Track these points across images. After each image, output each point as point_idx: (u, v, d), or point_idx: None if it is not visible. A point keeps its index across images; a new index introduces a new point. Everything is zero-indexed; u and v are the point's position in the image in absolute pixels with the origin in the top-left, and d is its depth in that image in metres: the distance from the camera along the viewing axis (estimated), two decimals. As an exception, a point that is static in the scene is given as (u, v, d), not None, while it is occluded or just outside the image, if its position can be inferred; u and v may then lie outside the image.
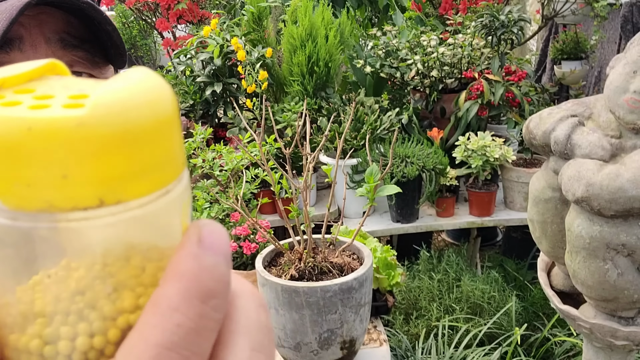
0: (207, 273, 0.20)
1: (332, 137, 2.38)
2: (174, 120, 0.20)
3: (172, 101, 0.20)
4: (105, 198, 0.19)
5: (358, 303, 1.21)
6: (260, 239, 1.58)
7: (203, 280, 0.20)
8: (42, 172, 0.18)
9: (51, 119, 0.18)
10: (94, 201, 0.19)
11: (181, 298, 0.20)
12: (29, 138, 0.18)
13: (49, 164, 0.18)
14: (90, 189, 0.19)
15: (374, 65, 2.77)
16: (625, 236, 1.02)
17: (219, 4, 4.15)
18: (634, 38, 1.08)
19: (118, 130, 0.19)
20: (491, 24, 2.55)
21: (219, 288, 0.21)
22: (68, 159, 0.18)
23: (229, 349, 0.21)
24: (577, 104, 1.18)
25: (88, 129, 0.18)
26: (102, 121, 0.18)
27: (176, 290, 0.20)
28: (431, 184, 2.30)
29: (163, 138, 0.20)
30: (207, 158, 1.82)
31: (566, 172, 1.08)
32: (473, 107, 2.51)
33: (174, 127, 0.20)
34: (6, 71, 0.21)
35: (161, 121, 0.20)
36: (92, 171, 0.19)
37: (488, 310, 2.26)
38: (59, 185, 0.18)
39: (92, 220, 0.19)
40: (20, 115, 0.18)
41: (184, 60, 2.87)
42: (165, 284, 0.20)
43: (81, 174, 0.19)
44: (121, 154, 0.19)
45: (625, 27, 3.59)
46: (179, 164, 0.21)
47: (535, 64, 4.50)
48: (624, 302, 1.10)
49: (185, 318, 0.20)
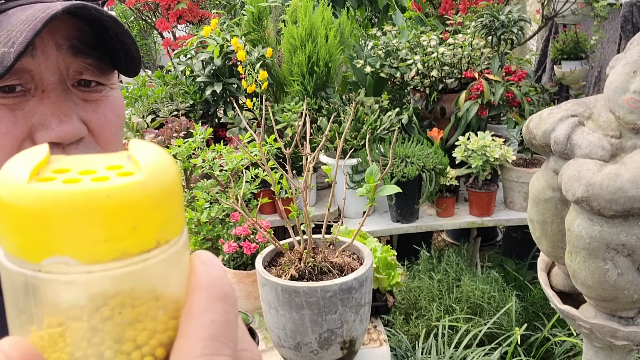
0: (220, 281, 0.27)
1: (332, 137, 2.38)
2: (180, 179, 0.26)
3: (176, 165, 0.27)
4: (160, 240, 0.24)
5: (358, 303, 1.21)
6: (260, 239, 1.58)
7: (218, 286, 0.26)
8: (118, 228, 0.23)
9: (121, 186, 0.23)
10: (153, 244, 0.24)
11: (208, 302, 0.26)
12: (108, 203, 0.23)
13: (123, 220, 0.23)
14: (151, 234, 0.24)
15: (374, 65, 2.77)
16: (625, 236, 1.02)
17: (219, 4, 4.15)
18: (634, 38, 1.08)
19: (164, 187, 0.24)
20: (491, 24, 2.55)
21: (231, 290, 0.27)
22: (137, 214, 0.23)
23: None
24: (577, 104, 1.18)
25: (149, 189, 0.24)
26: (156, 182, 0.24)
27: (203, 298, 0.26)
28: (431, 184, 2.30)
29: (180, 191, 0.26)
30: (207, 158, 1.82)
31: (566, 172, 1.08)
32: (473, 107, 2.51)
33: (180, 184, 0.26)
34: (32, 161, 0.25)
35: (179, 178, 0.26)
36: (152, 220, 0.24)
37: (488, 310, 2.26)
38: (131, 235, 0.23)
39: (152, 259, 0.24)
40: (96, 187, 0.23)
41: (184, 60, 2.87)
42: (192, 297, 0.26)
43: (146, 223, 0.24)
44: (167, 204, 0.25)
45: (625, 27, 3.59)
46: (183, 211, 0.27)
47: (535, 64, 4.50)
48: (624, 302, 1.10)
49: (215, 315, 0.25)
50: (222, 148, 1.88)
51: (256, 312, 1.52)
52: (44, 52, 0.53)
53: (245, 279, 1.56)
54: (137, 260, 0.23)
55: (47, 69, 0.53)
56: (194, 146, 1.85)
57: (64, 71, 0.55)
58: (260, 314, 1.48)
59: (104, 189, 0.23)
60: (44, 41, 0.53)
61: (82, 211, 0.22)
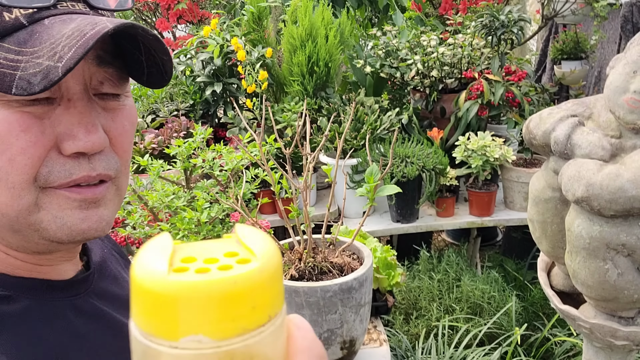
0: (315, 343, 0.33)
1: (332, 137, 2.38)
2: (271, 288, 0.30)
3: (278, 248, 0.32)
4: (271, 314, 0.29)
5: (358, 303, 1.21)
6: (260, 239, 1.58)
7: (315, 349, 0.32)
8: (242, 309, 0.28)
9: (244, 274, 0.28)
10: (266, 319, 0.29)
11: None
12: (235, 289, 0.27)
13: (246, 302, 0.28)
14: (265, 311, 0.29)
15: (374, 65, 2.77)
16: (625, 236, 1.02)
17: (219, 4, 4.15)
18: (634, 38, 1.08)
19: (276, 270, 0.29)
20: (491, 24, 2.55)
21: (324, 352, 0.33)
22: (255, 296, 0.28)
23: None
24: (577, 104, 1.18)
25: (265, 274, 0.29)
26: (269, 267, 0.29)
27: (306, 358, 0.31)
28: (431, 184, 2.30)
29: (282, 270, 0.31)
30: (207, 158, 1.82)
31: (566, 172, 1.08)
32: (473, 107, 2.51)
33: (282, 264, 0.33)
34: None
35: (281, 260, 0.31)
36: (266, 299, 0.29)
37: (488, 310, 2.26)
38: (250, 314, 0.28)
39: (265, 331, 0.29)
40: (224, 277, 0.28)
41: (184, 60, 2.87)
42: (296, 358, 0.31)
43: (261, 303, 0.28)
44: (276, 284, 0.30)
45: (625, 27, 3.59)
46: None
47: (535, 64, 4.50)
48: (624, 302, 1.10)
49: None
50: (222, 148, 1.88)
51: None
52: None
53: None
54: (254, 334, 0.28)
55: (73, 78, 0.53)
56: (194, 146, 1.85)
57: (87, 80, 0.55)
58: (260, 314, 1.48)
59: (231, 278, 0.28)
60: None
61: (215, 298, 0.27)
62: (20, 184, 0.52)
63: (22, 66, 0.49)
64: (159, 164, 1.83)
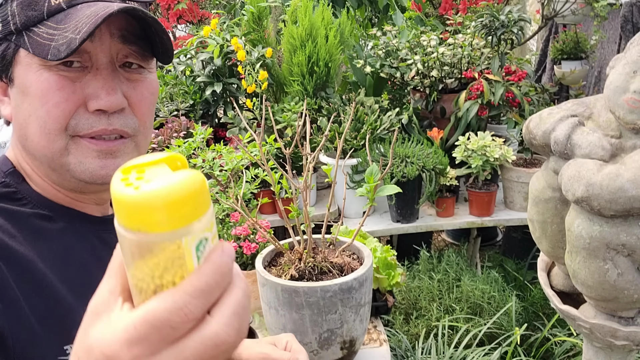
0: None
1: (332, 137, 2.38)
2: (198, 195, 0.36)
3: (200, 179, 0.37)
4: (197, 216, 0.36)
5: (358, 303, 1.21)
6: (260, 239, 1.58)
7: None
8: (195, 207, 0.36)
9: (185, 177, 0.36)
10: (196, 217, 0.36)
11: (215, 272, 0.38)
12: (194, 192, 0.36)
13: (197, 204, 0.36)
14: (195, 212, 0.36)
15: (374, 65, 2.77)
16: (625, 236, 1.02)
17: (219, 4, 4.15)
18: (634, 38, 1.08)
19: (199, 188, 0.36)
20: (491, 24, 2.55)
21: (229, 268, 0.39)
22: (195, 201, 0.36)
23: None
24: (577, 104, 1.18)
25: (198, 185, 0.36)
26: (194, 183, 0.36)
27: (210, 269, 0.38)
28: (431, 184, 2.30)
29: (201, 193, 0.37)
30: (207, 158, 1.82)
31: (566, 172, 1.08)
32: (473, 107, 2.51)
33: (203, 190, 0.37)
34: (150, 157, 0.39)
35: (200, 186, 0.37)
36: (197, 204, 0.36)
37: (488, 310, 2.26)
38: (191, 215, 0.36)
39: (196, 224, 0.36)
40: (191, 173, 0.36)
41: (184, 60, 2.87)
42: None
43: (196, 206, 0.36)
44: (202, 195, 0.37)
45: (625, 27, 3.59)
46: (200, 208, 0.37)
47: (535, 64, 4.50)
48: (624, 302, 1.10)
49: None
50: (222, 148, 1.88)
51: (256, 312, 1.52)
52: (101, 39, 0.68)
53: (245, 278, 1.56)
54: (189, 229, 0.36)
55: (102, 52, 0.69)
56: (194, 146, 1.85)
57: (114, 55, 0.70)
58: (260, 314, 1.48)
59: (197, 174, 0.37)
60: (102, 30, 0.68)
61: (138, 205, 0.35)
62: (54, 131, 0.68)
63: (56, 38, 0.64)
64: (159, 164, 1.83)
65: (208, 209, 0.37)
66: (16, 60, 0.69)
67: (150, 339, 0.36)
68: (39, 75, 0.67)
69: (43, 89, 0.66)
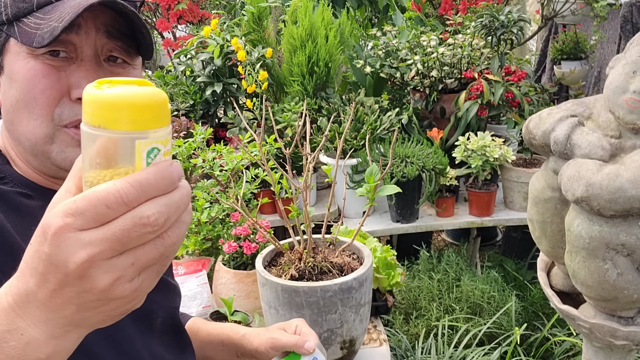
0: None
1: (332, 137, 2.38)
2: (157, 108, 0.42)
3: (158, 101, 0.42)
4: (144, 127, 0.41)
5: (358, 303, 1.21)
6: (261, 239, 1.58)
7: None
8: (153, 118, 0.41)
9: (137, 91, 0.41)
10: (151, 127, 0.41)
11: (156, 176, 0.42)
12: (152, 101, 0.41)
13: (154, 115, 0.42)
14: (149, 121, 0.41)
15: (374, 66, 2.77)
16: (624, 236, 1.03)
17: (219, 4, 4.15)
18: (634, 38, 1.08)
19: (159, 102, 0.42)
20: (491, 24, 2.55)
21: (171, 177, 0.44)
22: (153, 112, 0.41)
23: None
24: (576, 104, 1.19)
25: (159, 99, 0.42)
26: (154, 96, 0.42)
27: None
28: (431, 184, 2.30)
29: (160, 107, 0.42)
30: (207, 158, 1.82)
31: (566, 172, 1.08)
32: (473, 107, 2.51)
33: (163, 106, 0.42)
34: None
35: (160, 101, 0.42)
36: (155, 116, 0.42)
37: (488, 310, 2.26)
38: (147, 122, 0.41)
39: (143, 133, 0.41)
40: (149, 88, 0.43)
41: (184, 61, 2.87)
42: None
43: (154, 117, 0.41)
44: (161, 109, 0.42)
45: (625, 27, 3.59)
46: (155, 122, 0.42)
47: (535, 64, 4.50)
48: (623, 302, 1.10)
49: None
50: (222, 148, 1.88)
51: (256, 312, 1.52)
52: (87, 32, 0.72)
53: (245, 279, 1.56)
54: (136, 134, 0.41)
55: (86, 45, 0.72)
56: (194, 146, 1.85)
57: (98, 48, 0.73)
58: (260, 314, 1.48)
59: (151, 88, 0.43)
60: (88, 24, 0.71)
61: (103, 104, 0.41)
62: (42, 117, 0.71)
63: (41, 27, 0.68)
64: (159, 164, 1.83)
65: (165, 125, 0.42)
66: (6, 49, 0.72)
67: (85, 214, 0.40)
68: (26, 63, 0.70)
69: (29, 76, 0.70)
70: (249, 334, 1.02)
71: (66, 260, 0.41)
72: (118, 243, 0.41)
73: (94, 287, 0.42)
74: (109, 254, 0.41)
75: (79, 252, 0.40)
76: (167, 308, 0.93)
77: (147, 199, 0.41)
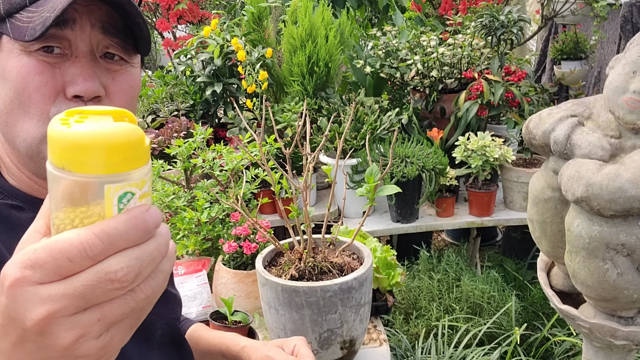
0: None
1: (332, 137, 2.38)
2: (130, 148, 0.37)
3: (132, 140, 0.37)
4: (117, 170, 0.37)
5: (358, 303, 1.21)
6: (261, 239, 1.58)
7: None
8: (125, 159, 0.37)
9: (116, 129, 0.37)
10: (124, 169, 0.37)
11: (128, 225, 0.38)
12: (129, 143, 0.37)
13: (128, 156, 0.37)
14: (124, 163, 0.37)
15: (373, 66, 2.77)
16: (624, 236, 1.03)
17: (219, 4, 4.15)
18: (634, 38, 1.08)
19: (134, 141, 0.37)
20: (491, 24, 2.55)
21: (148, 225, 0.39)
22: (126, 152, 0.36)
23: None
24: (576, 104, 1.19)
25: (133, 138, 0.38)
26: (128, 134, 0.37)
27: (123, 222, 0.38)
28: (431, 184, 2.30)
29: (135, 147, 0.38)
30: (207, 158, 1.82)
31: (566, 172, 1.08)
32: (473, 107, 2.51)
33: (138, 145, 0.38)
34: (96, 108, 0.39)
35: (135, 140, 0.37)
36: (129, 157, 0.37)
37: (488, 310, 2.26)
38: (119, 164, 0.37)
39: (113, 176, 0.37)
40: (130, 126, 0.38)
41: (184, 61, 2.87)
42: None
43: (127, 158, 0.37)
44: (135, 149, 0.37)
45: (625, 27, 3.59)
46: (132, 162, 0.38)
47: (535, 64, 4.50)
48: (623, 302, 1.10)
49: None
50: (222, 148, 1.88)
51: (256, 312, 1.52)
52: (81, 27, 0.69)
53: (245, 279, 1.56)
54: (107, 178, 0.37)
55: (82, 41, 0.69)
56: (194, 146, 1.85)
57: (94, 45, 0.70)
58: (260, 314, 1.48)
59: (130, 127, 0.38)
60: (82, 19, 0.68)
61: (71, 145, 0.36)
62: (38, 116, 0.68)
63: (33, 19, 0.65)
64: (159, 164, 1.83)
65: (141, 165, 0.37)
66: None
67: (45, 266, 0.36)
68: (19, 60, 0.67)
69: (23, 73, 0.67)
70: (248, 346, 1.01)
71: (23, 315, 0.38)
72: (81, 299, 0.37)
73: (55, 344, 0.38)
74: (71, 310, 0.37)
75: (37, 307, 0.37)
76: (166, 319, 0.91)
77: (116, 251, 0.37)
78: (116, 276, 0.37)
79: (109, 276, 0.37)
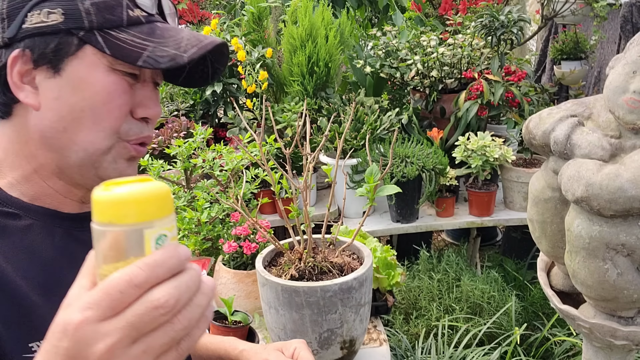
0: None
1: (332, 137, 2.38)
2: (160, 200, 0.45)
3: (161, 194, 0.45)
4: (154, 217, 0.44)
5: (358, 303, 1.21)
6: (261, 239, 1.58)
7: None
8: (158, 208, 0.44)
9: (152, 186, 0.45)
10: (157, 216, 0.44)
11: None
12: (159, 196, 0.44)
13: (159, 206, 0.44)
14: (156, 214, 0.44)
15: (373, 66, 2.77)
16: (624, 236, 1.03)
17: (219, 4, 4.15)
18: (634, 38, 1.08)
19: (162, 195, 0.45)
20: (491, 24, 2.55)
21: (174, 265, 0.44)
22: (157, 203, 0.44)
23: None
24: (576, 104, 1.19)
25: (161, 192, 0.45)
26: (157, 190, 0.44)
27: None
28: (431, 184, 2.30)
29: (164, 199, 0.45)
30: (207, 158, 1.82)
31: (566, 172, 1.08)
32: (473, 107, 2.51)
33: (166, 198, 0.45)
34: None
35: (163, 194, 0.45)
36: (160, 207, 0.44)
37: (488, 310, 2.26)
38: (153, 213, 0.44)
39: (149, 223, 0.44)
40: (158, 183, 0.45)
41: (184, 61, 2.86)
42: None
43: (158, 207, 0.44)
44: (164, 200, 0.45)
45: (625, 27, 3.59)
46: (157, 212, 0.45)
47: (535, 64, 4.50)
48: (623, 302, 1.10)
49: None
50: (222, 148, 1.88)
51: (256, 312, 1.52)
52: (144, 79, 0.75)
53: (245, 279, 1.56)
54: (150, 225, 0.44)
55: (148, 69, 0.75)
56: (194, 146, 1.85)
57: (153, 72, 0.76)
58: (260, 314, 1.48)
59: (159, 184, 0.45)
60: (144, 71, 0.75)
61: (112, 203, 0.43)
62: (109, 130, 0.71)
63: (150, 49, 0.69)
64: (159, 164, 1.83)
65: (169, 213, 0.45)
66: (77, 55, 0.69)
67: (101, 304, 0.41)
68: (107, 76, 0.70)
69: (110, 89, 0.70)
70: (247, 350, 1.01)
71: (86, 352, 0.42)
72: (133, 329, 0.41)
73: None
74: (126, 342, 0.42)
75: (99, 343, 0.41)
76: None
77: (157, 281, 0.42)
78: (159, 302, 0.42)
79: (154, 303, 0.42)
